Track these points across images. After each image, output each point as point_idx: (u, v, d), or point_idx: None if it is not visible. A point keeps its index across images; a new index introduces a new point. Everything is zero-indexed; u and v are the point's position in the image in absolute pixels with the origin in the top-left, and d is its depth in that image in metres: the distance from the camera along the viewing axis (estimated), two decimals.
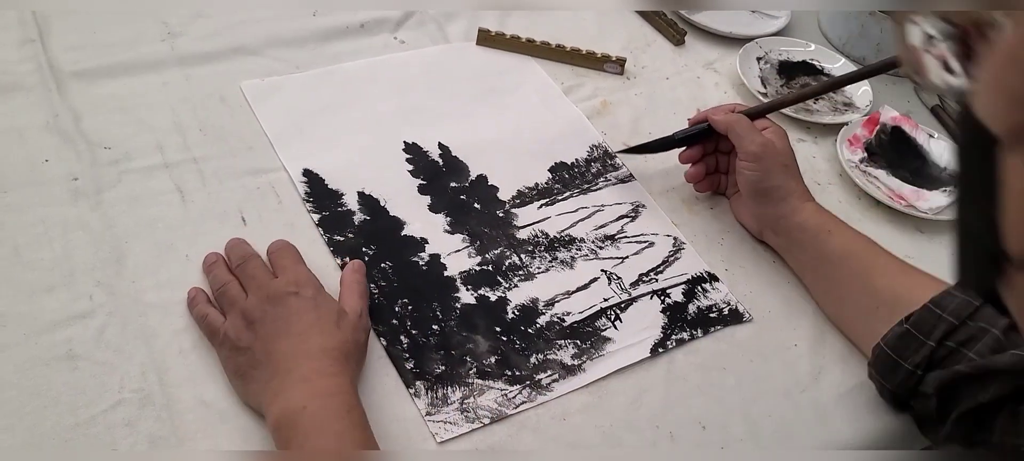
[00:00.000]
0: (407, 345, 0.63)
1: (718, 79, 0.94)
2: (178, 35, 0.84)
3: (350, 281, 0.63)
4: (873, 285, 0.66)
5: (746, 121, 0.73)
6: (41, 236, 0.64)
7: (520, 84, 0.88)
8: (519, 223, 0.74)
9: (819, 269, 0.70)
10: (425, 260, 0.69)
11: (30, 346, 0.58)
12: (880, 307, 0.64)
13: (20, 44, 0.79)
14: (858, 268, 0.67)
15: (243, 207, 0.70)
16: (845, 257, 0.68)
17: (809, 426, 0.63)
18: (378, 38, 0.89)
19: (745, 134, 0.72)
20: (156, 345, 0.59)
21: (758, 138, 0.72)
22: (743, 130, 0.72)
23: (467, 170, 0.78)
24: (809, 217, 0.70)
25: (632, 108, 0.88)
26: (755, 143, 0.71)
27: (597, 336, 0.66)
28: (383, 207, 0.73)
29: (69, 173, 0.69)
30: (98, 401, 0.56)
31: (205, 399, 0.57)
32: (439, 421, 0.59)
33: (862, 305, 0.66)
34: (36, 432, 0.54)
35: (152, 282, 0.63)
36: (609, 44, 0.94)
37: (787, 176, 0.72)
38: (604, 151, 0.82)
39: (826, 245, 0.69)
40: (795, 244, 0.71)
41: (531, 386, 0.62)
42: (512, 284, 0.69)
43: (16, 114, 0.73)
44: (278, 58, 0.84)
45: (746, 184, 0.72)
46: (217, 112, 0.78)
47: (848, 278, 0.68)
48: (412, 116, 0.82)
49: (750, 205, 0.74)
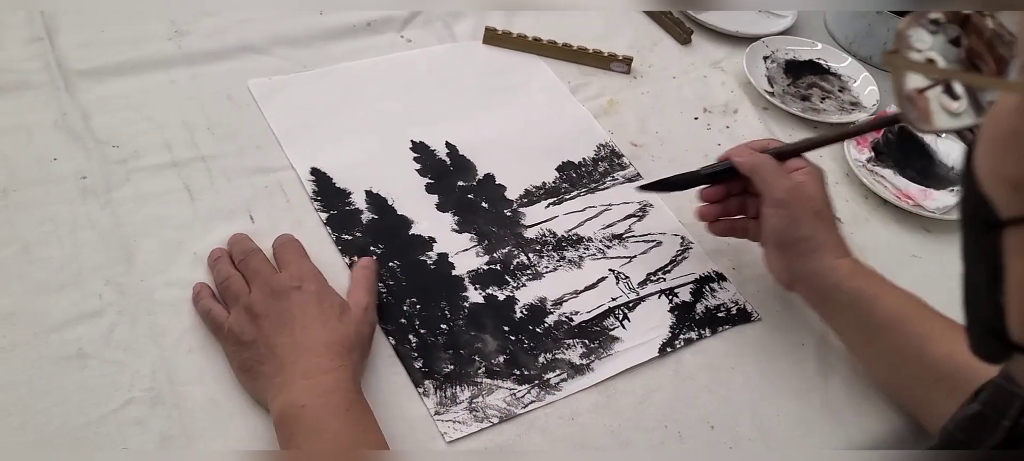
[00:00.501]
0: (416, 344, 0.63)
1: (725, 78, 0.94)
2: (185, 34, 0.84)
3: (358, 276, 0.64)
4: (930, 355, 0.59)
5: (772, 163, 0.65)
6: (50, 235, 0.64)
7: (527, 83, 0.88)
8: (527, 222, 0.74)
9: (863, 334, 0.64)
10: (433, 259, 0.69)
11: (40, 345, 0.58)
12: (940, 380, 0.59)
13: (28, 42, 0.79)
14: (910, 336, 0.61)
15: (251, 206, 0.70)
16: (893, 325, 0.61)
17: (818, 426, 0.63)
18: (385, 37, 0.89)
19: (771, 178, 0.64)
20: (165, 344, 0.60)
21: (785, 182, 0.64)
22: (768, 173, 0.64)
23: (474, 169, 0.78)
24: (845, 278, 0.63)
25: (639, 107, 0.88)
26: (781, 188, 0.63)
27: (605, 335, 0.66)
28: (391, 206, 0.73)
29: (78, 171, 0.69)
30: (109, 400, 0.56)
31: (215, 398, 0.57)
32: (448, 420, 0.59)
33: (918, 376, 0.60)
34: (47, 431, 0.54)
35: (161, 280, 0.63)
36: (616, 43, 0.94)
37: (818, 226, 0.63)
38: (611, 150, 0.82)
39: (870, 311, 0.62)
40: (830, 305, 0.65)
41: (540, 385, 0.62)
42: (520, 283, 0.69)
43: (24, 112, 0.73)
44: (285, 57, 0.84)
45: (771, 233, 0.65)
46: (225, 110, 0.78)
47: (899, 347, 0.61)
48: (419, 115, 0.82)
49: (778, 256, 0.66)
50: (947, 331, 0.60)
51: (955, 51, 0.42)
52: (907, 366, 0.61)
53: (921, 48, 0.43)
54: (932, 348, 0.60)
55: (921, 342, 0.60)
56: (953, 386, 0.57)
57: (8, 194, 0.66)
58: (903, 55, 0.35)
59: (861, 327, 0.63)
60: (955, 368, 0.58)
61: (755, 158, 0.66)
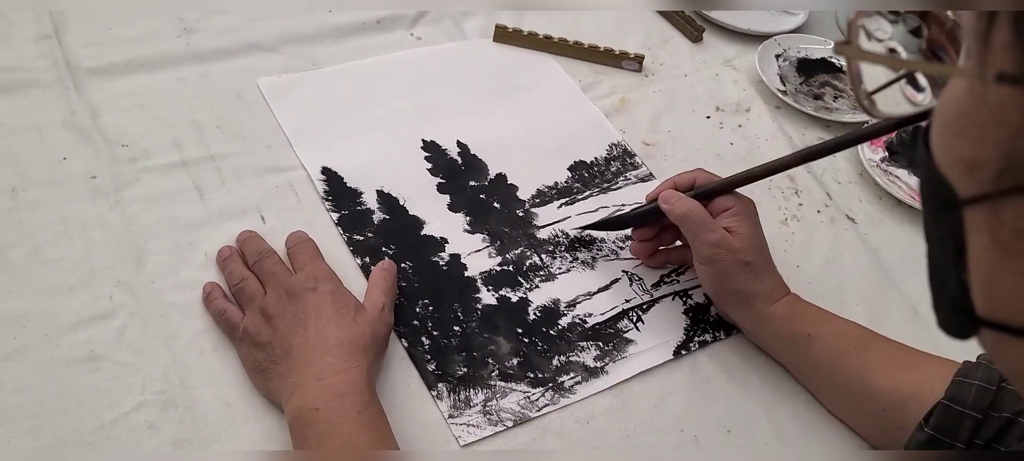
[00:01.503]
0: (428, 346, 0.62)
1: (737, 76, 0.93)
2: (194, 31, 0.83)
3: (377, 278, 0.64)
4: (874, 386, 0.59)
5: (698, 213, 0.62)
6: (61, 235, 0.64)
7: (538, 81, 0.88)
8: (539, 223, 0.73)
9: (806, 374, 0.63)
10: (445, 260, 0.69)
11: (52, 347, 0.57)
12: (887, 409, 0.59)
13: (36, 40, 0.78)
14: (851, 372, 0.60)
15: (262, 205, 0.70)
16: (833, 362, 0.61)
17: (835, 427, 0.63)
18: (395, 34, 0.89)
19: (697, 231, 0.62)
20: (177, 345, 0.59)
21: (712, 237, 0.61)
22: (695, 226, 0.62)
23: (486, 169, 0.77)
24: (780, 325, 0.62)
25: (651, 105, 0.88)
26: (708, 244, 0.62)
27: (619, 338, 0.66)
28: (402, 206, 0.72)
29: (87, 171, 0.69)
30: (121, 403, 0.55)
31: (228, 400, 0.57)
32: (462, 424, 0.59)
33: (865, 408, 0.60)
34: (60, 435, 0.53)
35: (172, 282, 0.63)
36: (627, 41, 0.93)
37: (749, 277, 0.62)
38: (623, 149, 0.82)
39: (808, 353, 0.62)
40: (771, 349, 0.65)
41: (554, 388, 0.62)
42: (533, 285, 0.68)
43: (33, 111, 0.72)
44: (295, 55, 0.84)
45: (704, 286, 0.66)
46: (234, 109, 0.77)
47: (843, 383, 0.61)
48: (430, 113, 0.81)
49: (715, 302, 0.67)
50: (888, 358, 0.60)
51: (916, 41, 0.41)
52: (853, 399, 0.61)
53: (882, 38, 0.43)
54: (875, 379, 0.59)
55: (863, 376, 0.60)
56: (902, 415, 0.57)
57: (17, 194, 0.66)
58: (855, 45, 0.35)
59: (802, 367, 0.63)
60: (902, 398, 0.58)
61: (682, 206, 0.63)
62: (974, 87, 0.27)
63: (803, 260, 0.75)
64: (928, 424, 0.54)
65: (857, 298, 0.73)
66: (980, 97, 0.27)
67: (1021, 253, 0.27)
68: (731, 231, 0.62)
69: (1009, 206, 0.27)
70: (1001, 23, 0.26)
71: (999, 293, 0.29)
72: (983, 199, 0.28)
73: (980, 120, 0.27)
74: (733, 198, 0.64)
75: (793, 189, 0.82)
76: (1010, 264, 0.27)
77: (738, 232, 0.62)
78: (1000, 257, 0.28)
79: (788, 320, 0.62)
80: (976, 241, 0.29)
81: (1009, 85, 0.26)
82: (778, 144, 0.86)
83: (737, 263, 0.62)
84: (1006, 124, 0.26)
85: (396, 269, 0.65)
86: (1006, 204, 0.27)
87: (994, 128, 0.27)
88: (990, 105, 0.27)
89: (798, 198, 0.81)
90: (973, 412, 0.53)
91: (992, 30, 0.26)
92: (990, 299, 0.29)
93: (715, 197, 0.64)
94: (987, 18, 0.26)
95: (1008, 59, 0.26)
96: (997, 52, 0.26)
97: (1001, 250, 0.28)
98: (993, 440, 0.53)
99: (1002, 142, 0.26)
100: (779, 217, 0.79)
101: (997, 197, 0.27)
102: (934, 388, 0.55)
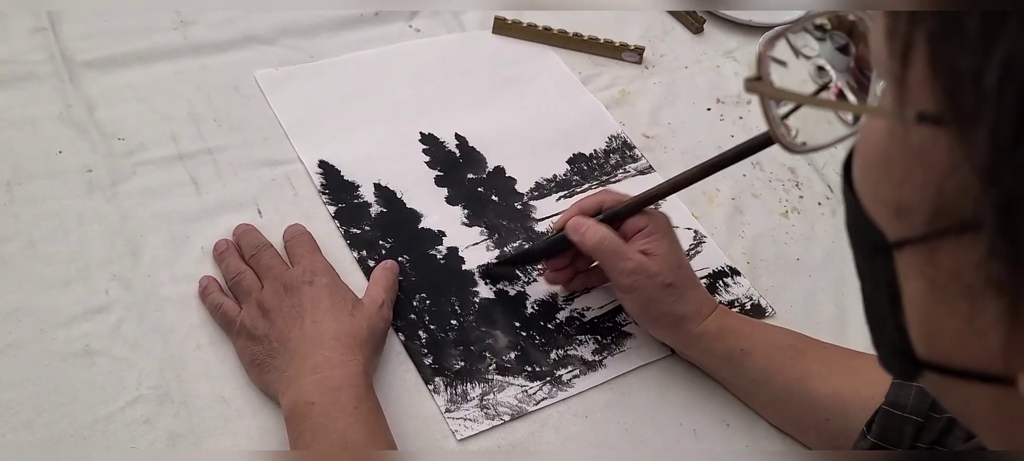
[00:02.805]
0: (425, 340, 0.62)
1: (738, 68, 0.93)
2: (191, 24, 0.83)
3: (378, 275, 0.63)
4: (813, 395, 0.58)
5: (611, 242, 0.59)
6: (56, 229, 0.63)
7: (537, 73, 0.87)
8: (537, 216, 0.73)
9: (744, 389, 0.61)
10: (443, 253, 0.68)
11: (47, 341, 0.57)
12: (829, 418, 0.57)
13: (32, 33, 0.78)
14: (790, 383, 0.58)
15: (259, 199, 0.69)
16: (770, 375, 0.59)
17: None
18: (393, 26, 0.88)
19: (612, 262, 0.59)
20: (173, 340, 0.59)
21: (627, 266, 0.58)
22: (609, 257, 0.59)
23: (484, 161, 0.77)
24: (712, 342, 0.60)
25: (651, 98, 0.87)
26: (625, 273, 0.58)
27: (618, 331, 0.65)
28: (400, 199, 0.72)
29: (83, 165, 0.68)
30: (116, 398, 0.55)
31: (224, 395, 0.57)
32: (459, 418, 0.58)
33: (807, 418, 0.59)
34: (55, 429, 0.53)
35: (168, 275, 0.62)
36: (627, 32, 0.92)
37: (673, 299, 0.59)
38: (623, 142, 0.81)
39: (743, 368, 0.60)
40: (706, 367, 0.62)
41: (551, 382, 0.61)
42: (531, 278, 0.68)
43: (29, 104, 0.72)
44: (292, 47, 0.83)
45: (631, 314, 0.63)
46: (231, 102, 0.77)
47: (782, 395, 0.59)
48: (428, 106, 0.81)
49: (646, 327, 0.63)
50: (825, 365, 0.59)
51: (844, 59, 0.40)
52: (794, 410, 0.59)
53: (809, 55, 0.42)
54: (814, 388, 0.58)
55: (802, 385, 0.58)
56: (844, 421, 0.55)
57: (13, 188, 0.66)
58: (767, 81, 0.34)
59: (739, 382, 0.61)
60: (843, 403, 0.56)
61: (592, 236, 0.59)
62: (895, 128, 0.26)
63: (804, 252, 0.75)
64: (870, 431, 0.52)
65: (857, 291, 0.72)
66: (902, 138, 0.25)
67: (959, 295, 0.25)
68: (647, 253, 0.59)
69: (943, 248, 0.25)
70: (916, 58, 0.24)
71: (938, 335, 0.27)
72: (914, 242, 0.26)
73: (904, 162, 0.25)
74: (645, 217, 0.60)
75: (794, 181, 0.81)
76: (948, 307, 0.26)
77: (655, 254, 0.59)
78: (937, 300, 0.26)
79: (720, 336, 0.60)
80: (911, 285, 0.27)
81: (931, 125, 0.24)
82: None
83: (658, 287, 0.58)
84: (931, 166, 0.24)
85: (397, 269, 0.65)
86: (940, 246, 0.25)
87: (919, 171, 0.25)
88: (912, 147, 0.25)
89: (799, 190, 0.81)
90: (914, 416, 0.51)
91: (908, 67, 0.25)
92: (930, 341, 0.28)
93: (626, 219, 0.60)
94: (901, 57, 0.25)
95: (927, 96, 0.24)
96: (915, 89, 0.24)
97: (938, 293, 0.26)
98: (935, 443, 0.51)
99: (929, 185, 0.25)
100: (780, 209, 0.78)
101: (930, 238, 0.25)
102: (874, 391, 0.53)
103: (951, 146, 0.24)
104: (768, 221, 0.77)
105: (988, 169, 0.23)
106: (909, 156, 0.25)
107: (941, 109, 0.24)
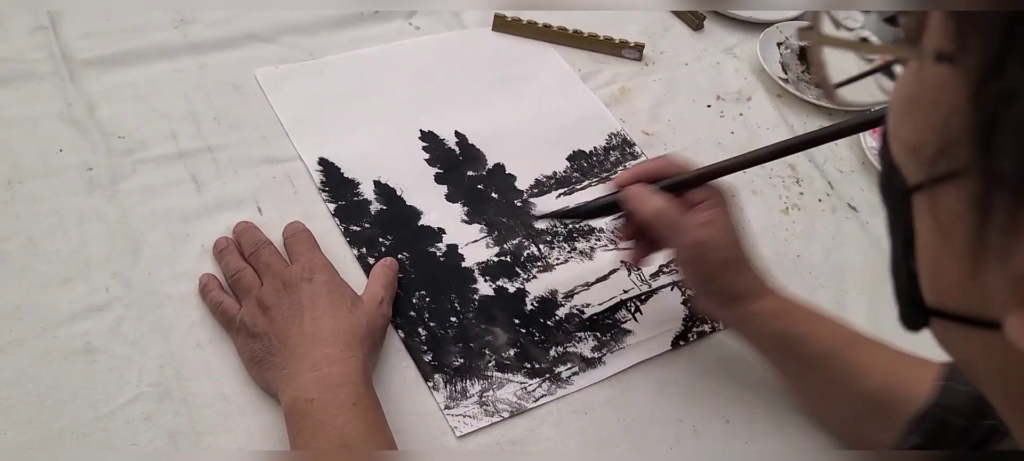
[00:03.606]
0: (425, 337, 0.62)
1: (738, 65, 0.93)
2: (190, 22, 0.83)
3: (377, 272, 0.64)
4: (862, 387, 0.57)
5: (670, 213, 0.57)
6: (56, 227, 0.64)
7: (537, 71, 0.87)
8: (537, 213, 0.73)
9: (791, 372, 0.60)
10: (442, 250, 0.68)
11: (47, 339, 0.57)
12: (873, 412, 0.56)
13: (32, 31, 0.78)
14: (840, 372, 0.57)
15: (259, 196, 0.69)
16: (822, 362, 0.58)
17: None
18: (393, 24, 0.88)
19: (672, 234, 0.57)
20: (173, 338, 0.59)
21: (688, 238, 0.57)
22: (668, 226, 0.57)
23: (484, 159, 0.77)
24: (768, 321, 0.58)
25: (651, 95, 0.87)
26: (684, 246, 0.57)
27: (617, 328, 0.65)
28: (399, 196, 0.72)
29: (83, 163, 0.68)
30: (117, 395, 0.55)
31: (224, 392, 0.57)
32: (458, 415, 0.58)
33: (850, 409, 0.58)
34: (55, 427, 0.53)
35: (168, 273, 0.62)
36: (627, 29, 0.92)
37: (731, 274, 0.58)
38: (623, 139, 0.81)
39: (796, 351, 0.58)
40: (758, 346, 0.61)
41: (551, 379, 0.61)
42: (531, 275, 0.68)
43: (29, 103, 0.72)
44: (292, 45, 0.83)
45: (688, 284, 0.62)
46: (231, 100, 0.77)
47: (829, 382, 0.58)
48: (428, 103, 0.81)
49: (700, 300, 0.62)
50: (876, 359, 0.58)
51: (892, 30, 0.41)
52: (839, 400, 0.58)
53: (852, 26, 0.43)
54: (863, 381, 0.57)
55: (851, 377, 0.57)
56: (887, 415, 0.55)
57: (13, 186, 0.66)
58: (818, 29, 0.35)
59: (789, 365, 0.60)
60: (888, 400, 0.55)
61: (650, 206, 0.57)
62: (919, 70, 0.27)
63: (804, 249, 0.75)
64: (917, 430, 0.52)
65: (858, 287, 0.72)
66: (922, 79, 0.27)
67: (959, 237, 0.26)
68: (707, 226, 0.57)
69: (947, 190, 0.26)
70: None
71: (943, 280, 0.28)
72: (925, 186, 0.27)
73: (922, 102, 0.27)
74: (706, 190, 0.58)
75: (794, 178, 0.81)
76: (950, 249, 0.27)
77: (716, 230, 0.57)
78: (941, 242, 0.27)
79: (776, 316, 0.58)
80: (922, 228, 0.28)
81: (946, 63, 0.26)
82: (780, 133, 0.85)
83: (717, 262, 0.57)
84: (942, 104, 0.26)
85: (397, 266, 0.65)
86: (945, 189, 0.26)
87: (932, 109, 0.26)
88: (929, 85, 0.26)
89: (799, 187, 0.81)
90: (960, 418, 0.50)
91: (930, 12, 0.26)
92: (935, 287, 0.29)
93: (686, 190, 0.58)
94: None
95: (944, 37, 0.26)
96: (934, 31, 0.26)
97: (941, 234, 0.27)
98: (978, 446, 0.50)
99: (938, 123, 0.26)
100: (780, 206, 0.78)
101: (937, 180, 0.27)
102: (919, 388, 0.53)
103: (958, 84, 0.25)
104: (768, 218, 0.77)
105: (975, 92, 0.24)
106: (926, 95, 0.27)
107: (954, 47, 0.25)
